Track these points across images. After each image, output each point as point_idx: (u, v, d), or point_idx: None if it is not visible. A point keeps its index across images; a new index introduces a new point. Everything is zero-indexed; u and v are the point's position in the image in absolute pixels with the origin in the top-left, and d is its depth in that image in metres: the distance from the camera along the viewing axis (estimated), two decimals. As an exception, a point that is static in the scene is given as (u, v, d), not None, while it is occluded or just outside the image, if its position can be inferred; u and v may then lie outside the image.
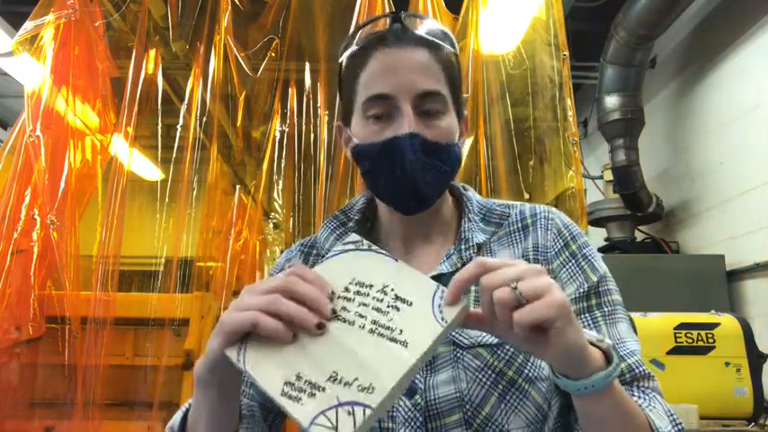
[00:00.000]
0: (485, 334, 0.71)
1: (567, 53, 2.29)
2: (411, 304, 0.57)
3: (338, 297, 0.59)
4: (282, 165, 2.96)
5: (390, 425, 0.69)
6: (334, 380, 0.52)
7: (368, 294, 0.59)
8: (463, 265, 0.76)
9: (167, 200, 2.60)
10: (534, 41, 2.39)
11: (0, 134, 5.10)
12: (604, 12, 3.62)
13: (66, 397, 2.06)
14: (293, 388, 0.52)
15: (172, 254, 2.46)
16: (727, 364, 2.20)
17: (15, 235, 2.07)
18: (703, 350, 2.22)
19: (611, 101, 3.75)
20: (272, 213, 3.16)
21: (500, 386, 0.69)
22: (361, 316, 0.57)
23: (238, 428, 0.70)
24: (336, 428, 0.49)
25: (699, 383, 2.18)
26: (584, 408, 0.61)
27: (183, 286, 2.44)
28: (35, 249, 2.11)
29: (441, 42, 0.78)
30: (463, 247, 0.78)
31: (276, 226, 3.21)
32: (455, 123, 0.78)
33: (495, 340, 0.71)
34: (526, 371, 0.70)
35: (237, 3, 2.64)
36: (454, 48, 0.81)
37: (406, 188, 0.74)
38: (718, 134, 3.61)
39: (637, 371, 0.71)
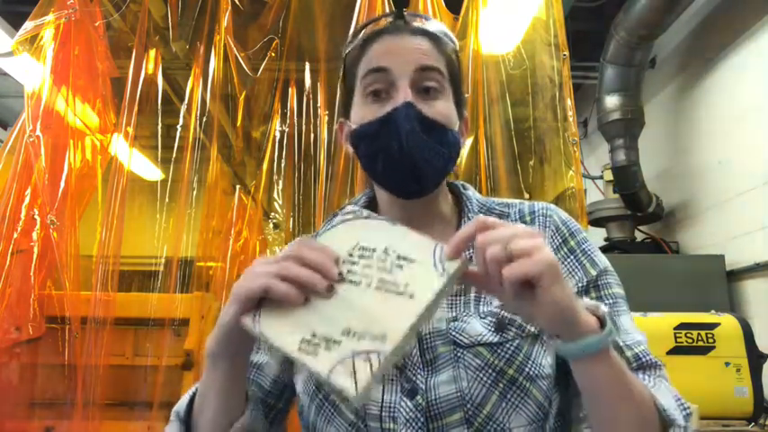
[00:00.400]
0: (485, 333, 0.71)
1: (567, 53, 2.29)
2: (413, 261, 0.60)
3: (344, 262, 0.62)
4: (282, 165, 2.96)
5: (392, 425, 0.69)
6: (348, 333, 0.55)
7: (371, 257, 0.62)
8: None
9: (167, 200, 2.60)
10: (534, 41, 2.39)
11: (0, 134, 5.10)
12: (604, 12, 3.62)
13: (66, 397, 2.06)
14: (309, 344, 0.55)
15: (172, 254, 2.46)
16: (727, 364, 2.20)
17: (15, 235, 2.07)
18: (703, 350, 2.22)
19: (611, 101, 3.75)
20: (272, 213, 3.16)
21: (501, 385, 0.69)
22: (367, 276, 0.60)
23: (245, 410, 0.71)
24: (354, 375, 0.52)
25: (699, 383, 2.18)
26: (580, 376, 0.62)
27: (183, 286, 2.44)
28: (35, 249, 2.10)
29: (439, 35, 0.80)
30: None
31: (276, 226, 3.21)
32: (453, 111, 0.79)
33: (496, 339, 0.71)
34: (527, 369, 0.70)
35: (237, 3, 2.64)
36: (454, 43, 0.82)
37: (404, 165, 0.74)
38: (717, 134, 3.61)
39: (644, 359, 0.71)
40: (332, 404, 0.72)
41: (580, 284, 0.75)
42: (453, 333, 0.72)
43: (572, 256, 0.77)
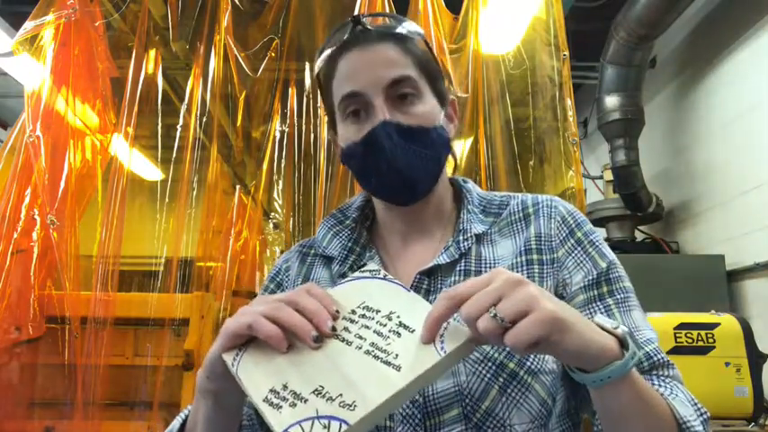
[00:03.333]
0: None
1: (567, 53, 2.29)
2: (413, 332, 0.57)
3: (343, 318, 0.59)
4: (282, 165, 2.95)
5: (388, 423, 0.68)
6: (318, 393, 0.52)
7: (372, 318, 0.59)
8: (461, 255, 0.76)
9: (167, 200, 2.59)
10: (534, 41, 2.39)
11: (0, 134, 5.09)
12: (604, 12, 3.62)
13: (66, 397, 2.06)
14: (277, 396, 0.52)
15: (172, 254, 2.46)
16: (727, 364, 2.19)
17: (15, 235, 2.07)
18: (703, 350, 2.22)
19: (611, 101, 3.75)
20: (272, 213, 3.16)
21: (501, 379, 0.67)
22: (361, 338, 0.57)
23: None
24: None
25: (699, 383, 2.18)
26: (602, 400, 0.59)
27: (183, 286, 2.43)
28: (35, 249, 2.10)
29: (403, 33, 0.78)
30: (461, 237, 0.78)
31: (276, 226, 3.21)
32: (434, 107, 0.78)
33: None
34: (528, 363, 0.68)
35: (237, 3, 2.64)
36: (420, 35, 0.81)
37: (395, 179, 0.75)
38: (718, 134, 3.61)
39: (655, 358, 0.69)
40: None
41: (590, 276, 0.73)
42: None
43: (579, 248, 0.76)
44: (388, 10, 2.25)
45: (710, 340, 2.22)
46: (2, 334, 1.97)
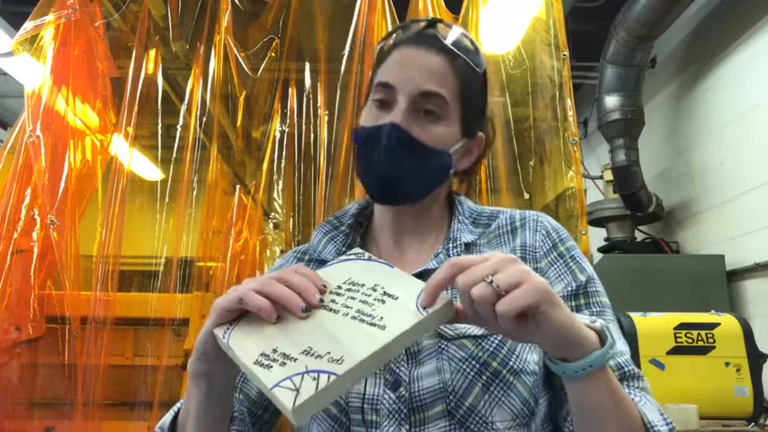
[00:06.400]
0: (470, 325, 0.71)
1: (567, 53, 2.29)
2: (397, 299, 0.60)
3: (330, 292, 0.63)
4: (282, 165, 2.96)
5: (375, 417, 0.70)
6: (307, 353, 0.55)
7: (358, 291, 0.63)
8: None
9: (167, 200, 2.59)
10: (534, 41, 2.39)
11: (0, 134, 5.10)
12: (604, 12, 3.62)
13: (66, 397, 2.06)
14: (267, 359, 0.55)
15: (172, 254, 2.46)
16: (727, 364, 2.20)
17: (15, 235, 2.07)
18: (703, 350, 2.22)
19: (611, 101, 3.75)
20: (272, 213, 3.16)
21: (484, 377, 0.69)
22: (347, 306, 0.60)
23: (229, 429, 0.72)
24: (298, 391, 0.50)
25: (699, 383, 2.18)
26: (579, 394, 0.61)
27: (183, 286, 2.43)
28: (35, 249, 2.10)
29: (463, 55, 0.80)
30: (451, 245, 0.80)
31: (276, 226, 3.21)
32: (453, 134, 0.79)
33: (480, 331, 0.71)
34: (511, 362, 0.70)
35: (237, 3, 2.64)
36: (480, 65, 0.82)
37: (379, 177, 0.78)
38: (718, 134, 3.61)
39: (626, 369, 0.72)
40: None
41: (569, 288, 0.76)
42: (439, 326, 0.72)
43: (561, 261, 0.79)
44: (388, 10, 2.25)
45: (710, 340, 2.22)
46: (2, 334, 1.97)
